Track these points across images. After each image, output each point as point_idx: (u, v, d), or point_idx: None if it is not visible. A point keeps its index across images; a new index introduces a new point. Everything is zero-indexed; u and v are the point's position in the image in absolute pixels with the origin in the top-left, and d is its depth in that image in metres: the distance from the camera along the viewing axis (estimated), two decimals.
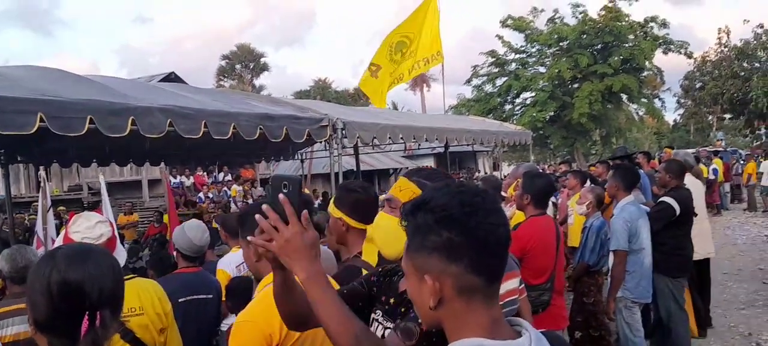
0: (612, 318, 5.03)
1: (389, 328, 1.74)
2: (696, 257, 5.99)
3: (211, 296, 3.69)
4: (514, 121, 28.55)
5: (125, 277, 2.72)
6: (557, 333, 1.75)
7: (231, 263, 4.05)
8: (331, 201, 2.71)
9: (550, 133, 31.80)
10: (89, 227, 2.64)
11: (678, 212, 5.45)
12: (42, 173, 9.59)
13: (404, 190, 1.95)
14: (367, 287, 1.91)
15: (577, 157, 31.95)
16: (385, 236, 1.94)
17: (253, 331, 1.99)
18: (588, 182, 7.02)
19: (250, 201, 17.67)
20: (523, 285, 3.18)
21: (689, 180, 6.57)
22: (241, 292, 3.56)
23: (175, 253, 3.89)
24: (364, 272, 2.32)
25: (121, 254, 2.81)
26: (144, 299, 2.78)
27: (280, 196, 1.49)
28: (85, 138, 4.88)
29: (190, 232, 3.73)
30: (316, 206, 14.46)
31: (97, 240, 2.60)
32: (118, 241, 2.91)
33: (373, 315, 1.86)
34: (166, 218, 12.16)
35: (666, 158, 10.10)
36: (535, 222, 4.04)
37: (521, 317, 2.83)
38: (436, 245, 1.17)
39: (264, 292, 2.10)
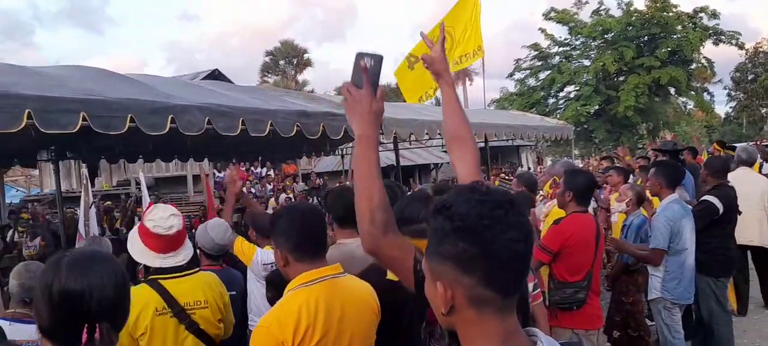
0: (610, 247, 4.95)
1: None
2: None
3: (234, 292, 3.73)
4: (558, 115, 28.16)
5: (191, 271, 2.92)
6: (577, 342, 1.75)
7: (258, 262, 4.13)
8: None
9: (594, 128, 31.25)
10: (162, 218, 2.80)
11: (721, 210, 5.29)
12: (84, 170, 9.86)
13: None
14: None
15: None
16: None
17: (266, 337, 2.03)
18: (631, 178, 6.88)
19: (291, 196, 17.86)
20: (537, 290, 3.14)
21: (744, 173, 6.62)
22: (280, 284, 3.63)
23: (198, 251, 3.90)
24: (389, 273, 2.33)
25: (188, 248, 2.94)
26: (208, 293, 2.94)
27: (362, 62, 1.74)
28: (130, 135, 5.00)
29: (213, 231, 3.79)
30: None
31: (167, 231, 2.77)
32: (187, 236, 3.03)
33: None
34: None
35: (715, 153, 9.78)
36: (577, 218, 4.01)
37: (534, 322, 2.82)
38: (450, 253, 1.16)
39: (286, 297, 2.13)
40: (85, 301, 1.40)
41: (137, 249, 2.83)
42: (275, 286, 3.88)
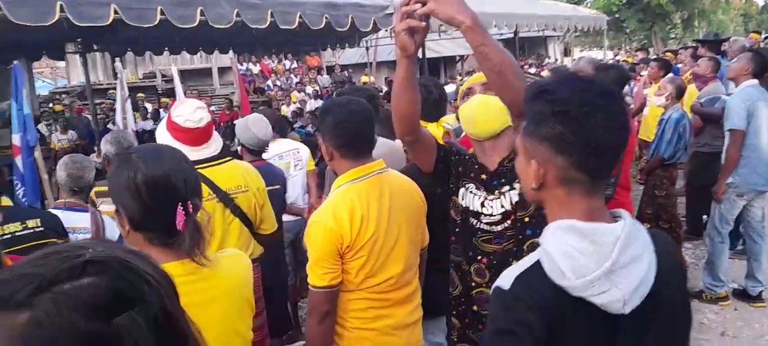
0: (719, 200, 4.60)
1: (484, 197, 2.05)
2: None
3: (278, 186, 3.80)
4: (589, 4, 27.23)
5: (225, 159, 2.96)
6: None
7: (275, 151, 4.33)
8: None
9: (626, 17, 30.24)
10: (190, 111, 2.82)
11: None
12: (118, 64, 9.84)
13: None
14: (453, 156, 2.17)
15: (654, 42, 30.39)
16: (483, 115, 2.04)
17: (325, 232, 2.06)
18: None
19: (317, 89, 17.82)
20: None
21: None
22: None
23: (239, 148, 3.93)
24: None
25: (218, 139, 2.99)
26: (247, 178, 2.99)
27: None
28: (156, 28, 5.00)
29: (254, 127, 3.78)
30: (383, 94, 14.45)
31: (198, 123, 2.80)
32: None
33: (463, 189, 2.12)
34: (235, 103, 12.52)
35: (752, 44, 9.48)
36: None
37: None
38: (548, 135, 1.19)
39: (336, 193, 2.15)
40: (172, 182, 1.44)
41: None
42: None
